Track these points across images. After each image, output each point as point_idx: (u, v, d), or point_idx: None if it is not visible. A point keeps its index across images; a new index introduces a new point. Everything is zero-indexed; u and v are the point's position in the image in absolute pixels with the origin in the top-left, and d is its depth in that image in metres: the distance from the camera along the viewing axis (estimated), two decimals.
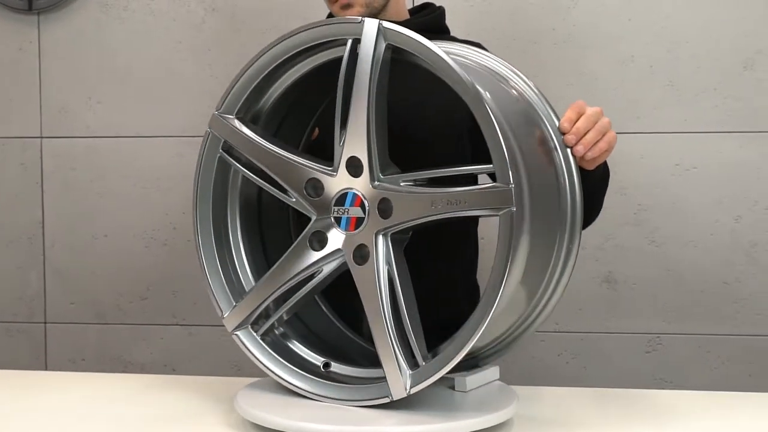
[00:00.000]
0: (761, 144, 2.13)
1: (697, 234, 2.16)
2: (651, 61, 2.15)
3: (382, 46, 1.19)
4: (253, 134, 1.28)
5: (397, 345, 1.17)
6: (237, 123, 1.29)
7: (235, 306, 1.30)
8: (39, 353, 2.38)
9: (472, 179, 1.38)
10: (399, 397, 1.16)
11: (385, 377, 1.18)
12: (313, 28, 1.25)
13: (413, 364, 1.18)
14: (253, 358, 1.29)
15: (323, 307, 1.40)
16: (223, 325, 1.31)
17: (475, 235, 1.67)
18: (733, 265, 2.16)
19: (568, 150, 1.25)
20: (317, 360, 1.30)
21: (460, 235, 1.60)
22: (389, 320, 1.18)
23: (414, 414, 1.17)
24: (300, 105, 1.38)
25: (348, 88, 1.21)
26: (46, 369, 2.36)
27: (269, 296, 1.27)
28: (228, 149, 1.31)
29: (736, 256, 2.16)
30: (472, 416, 1.17)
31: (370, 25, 1.19)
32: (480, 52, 1.37)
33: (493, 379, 1.32)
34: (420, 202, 1.16)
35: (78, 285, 2.35)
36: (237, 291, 1.33)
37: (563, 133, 1.25)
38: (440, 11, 1.63)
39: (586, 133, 1.24)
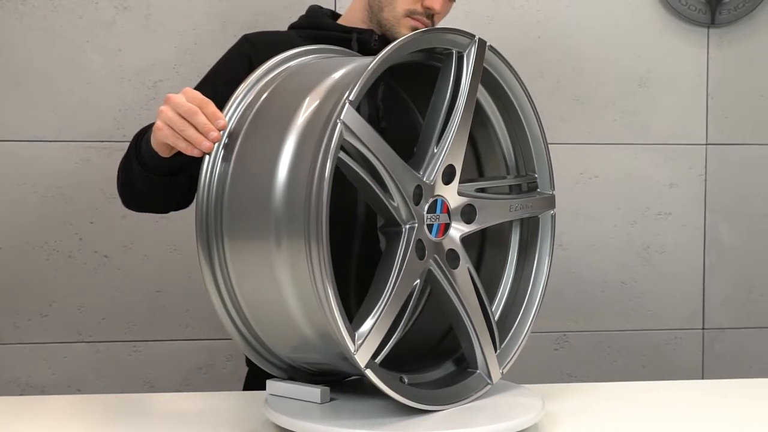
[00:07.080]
0: (652, 155, 2.35)
1: (598, 238, 2.34)
2: (558, 77, 2.30)
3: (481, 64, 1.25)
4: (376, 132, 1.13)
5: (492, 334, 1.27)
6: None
7: (367, 335, 1.10)
8: None
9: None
10: (497, 380, 1.27)
11: (468, 372, 1.28)
12: (433, 32, 1.22)
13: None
14: (392, 393, 1.13)
15: None
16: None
17: None
18: (629, 266, 2.36)
19: None
20: (393, 376, 1.20)
21: None
22: (489, 313, 1.26)
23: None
24: None
25: (452, 99, 1.23)
26: None
27: (395, 316, 1.14)
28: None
29: (632, 258, 2.36)
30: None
31: (481, 45, 1.24)
32: None
33: None
34: (501, 207, 1.28)
35: None
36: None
37: None
38: None
39: None
